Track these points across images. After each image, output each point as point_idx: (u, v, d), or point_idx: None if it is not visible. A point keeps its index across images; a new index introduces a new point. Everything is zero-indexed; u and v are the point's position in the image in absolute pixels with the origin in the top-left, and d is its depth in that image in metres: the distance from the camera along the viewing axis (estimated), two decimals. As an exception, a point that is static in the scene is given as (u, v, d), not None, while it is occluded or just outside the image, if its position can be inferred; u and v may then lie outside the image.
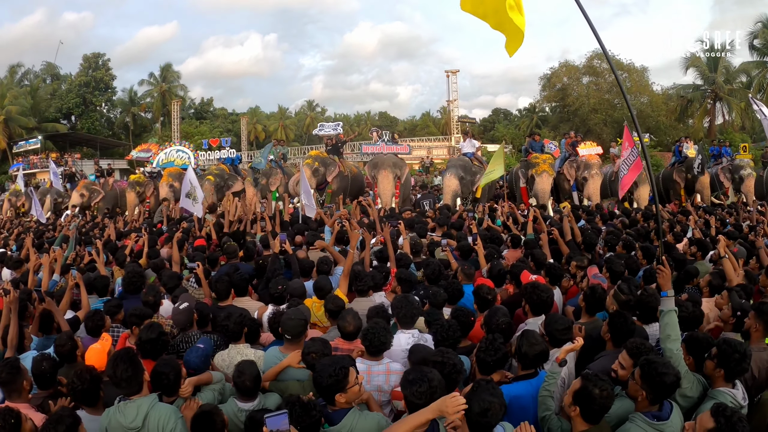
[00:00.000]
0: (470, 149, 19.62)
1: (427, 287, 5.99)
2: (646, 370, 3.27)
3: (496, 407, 2.93)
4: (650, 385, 3.26)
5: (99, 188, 22.04)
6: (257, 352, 4.55)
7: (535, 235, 8.61)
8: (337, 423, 3.25)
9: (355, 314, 4.68)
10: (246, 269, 7.07)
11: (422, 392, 2.97)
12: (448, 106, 49.95)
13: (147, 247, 8.86)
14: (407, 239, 8.01)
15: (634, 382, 3.34)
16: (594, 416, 3.18)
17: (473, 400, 2.93)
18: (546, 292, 4.95)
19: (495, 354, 3.80)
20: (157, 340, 4.31)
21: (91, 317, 5.13)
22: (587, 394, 3.13)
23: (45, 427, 3.11)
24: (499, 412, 2.96)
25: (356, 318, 4.60)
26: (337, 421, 3.26)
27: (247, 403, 3.75)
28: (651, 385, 3.26)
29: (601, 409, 3.17)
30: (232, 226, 10.43)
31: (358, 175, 20.38)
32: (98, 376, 3.73)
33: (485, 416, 2.92)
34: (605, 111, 42.70)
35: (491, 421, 2.96)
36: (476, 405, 2.91)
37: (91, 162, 29.59)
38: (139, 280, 6.36)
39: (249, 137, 57.59)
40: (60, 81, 58.16)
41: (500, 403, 2.97)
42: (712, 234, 9.28)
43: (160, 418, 3.43)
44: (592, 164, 18.62)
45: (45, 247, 10.26)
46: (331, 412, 3.32)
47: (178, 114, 51.23)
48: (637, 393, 3.32)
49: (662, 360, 3.48)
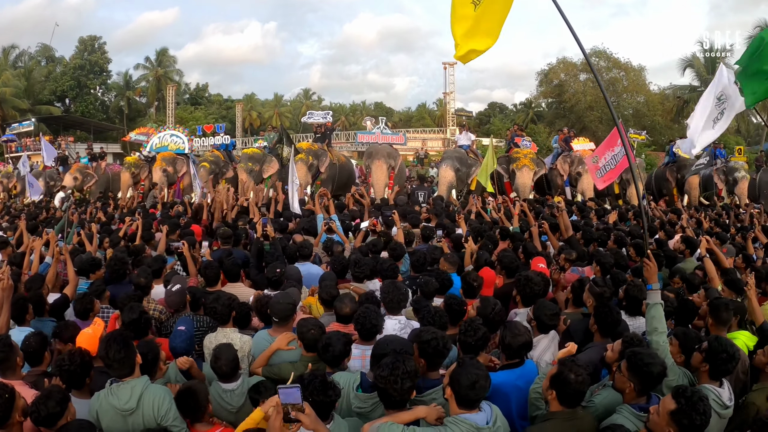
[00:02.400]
0: (466, 142, 19.66)
1: (413, 276, 6.03)
2: (633, 361, 3.30)
3: (482, 380, 3.01)
4: (637, 376, 3.29)
5: (92, 172, 21.95)
6: (243, 337, 4.55)
7: (522, 228, 8.64)
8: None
9: (351, 298, 4.75)
10: (239, 255, 7.07)
11: (384, 377, 3.04)
12: (445, 99, 49.82)
13: (141, 230, 8.81)
14: (401, 229, 8.04)
15: (621, 375, 3.37)
16: (569, 400, 3.23)
17: (461, 374, 3.01)
18: (539, 285, 5.03)
19: (475, 334, 3.84)
20: (139, 320, 4.37)
21: (80, 300, 5.12)
22: (563, 378, 3.18)
23: (35, 402, 3.13)
24: (485, 385, 3.03)
25: (353, 301, 4.66)
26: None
27: (229, 384, 3.77)
28: (638, 375, 3.29)
29: (576, 393, 3.22)
30: (226, 215, 10.40)
31: (346, 163, 20.44)
32: (90, 359, 3.71)
33: (473, 388, 2.98)
34: (601, 109, 42.77)
35: (479, 394, 3.02)
36: (464, 378, 2.98)
37: (84, 145, 29.43)
38: (121, 267, 6.29)
39: (244, 124, 57.40)
40: (55, 63, 57.69)
41: (485, 375, 3.05)
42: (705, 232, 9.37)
43: (155, 399, 3.42)
44: (586, 159, 18.64)
45: (39, 230, 10.22)
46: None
47: (173, 99, 50.98)
48: (624, 385, 3.35)
49: (648, 351, 3.52)
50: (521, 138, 19.12)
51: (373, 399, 3.38)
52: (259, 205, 11.93)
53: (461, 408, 3.04)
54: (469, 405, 3.04)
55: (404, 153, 26.41)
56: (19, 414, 3.16)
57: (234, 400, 3.73)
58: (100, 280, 5.90)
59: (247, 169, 18.55)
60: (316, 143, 18.79)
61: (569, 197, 18.19)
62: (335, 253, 6.95)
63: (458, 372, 3.04)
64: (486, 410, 3.08)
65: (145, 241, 8.26)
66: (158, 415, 3.39)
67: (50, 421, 3.09)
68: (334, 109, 52.82)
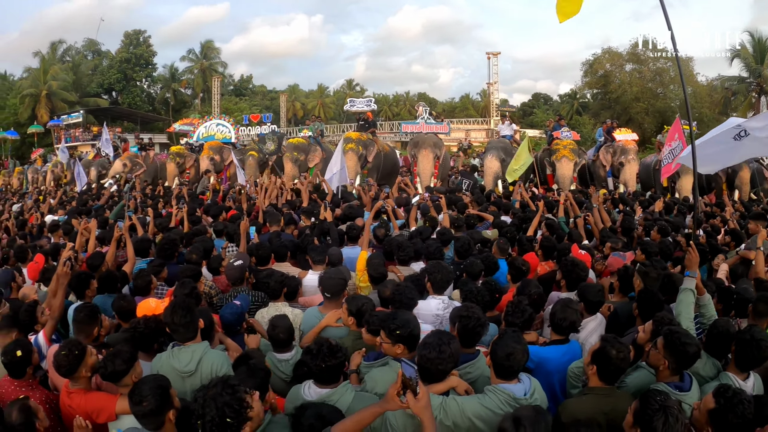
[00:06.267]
0: (509, 132, 19.60)
1: (457, 262, 6.13)
2: (670, 339, 3.35)
3: (519, 352, 3.12)
4: (673, 354, 3.33)
5: (141, 161, 22.44)
6: (295, 310, 4.78)
7: (567, 218, 8.66)
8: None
9: (393, 282, 4.92)
10: (287, 237, 7.32)
11: (431, 358, 3.11)
12: (488, 89, 49.32)
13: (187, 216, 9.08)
14: (447, 214, 8.15)
15: (656, 351, 3.41)
16: (610, 376, 3.32)
17: (499, 345, 3.15)
18: (585, 271, 5.16)
19: (522, 315, 4.01)
20: (190, 295, 4.56)
21: (140, 276, 5.35)
22: (605, 354, 3.27)
23: (105, 358, 3.36)
24: (521, 358, 3.15)
25: (392, 284, 4.81)
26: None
27: (285, 354, 3.98)
28: (674, 354, 3.33)
29: (617, 369, 3.31)
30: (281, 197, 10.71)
31: (390, 152, 20.47)
32: (162, 326, 3.91)
33: (508, 360, 3.11)
34: (647, 100, 41.94)
35: (513, 365, 3.13)
36: (501, 349, 3.12)
37: (132, 136, 30.08)
38: (172, 247, 6.52)
39: (287, 114, 57.93)
40: (101, 57, 59.16)
41: (523, 349, 3.17)
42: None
43: (214, 363, 3.61)
44: (629, 149, 18.39)
45: (92, 214, 10.55)
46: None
47: (218, 90, 51.71)
48: (659, 362, 3.39)
49: (685, 331, 3.57)
50: (560, 131, 18.87)
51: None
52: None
53: (499, 378, 3.17)
54: (506, 375, 3.16)
55: (448, 143, 26.40)
56: (86, 369, 3.45)
57: (288, 369, 3.92)
58: (159, 260, 6.14)
59: (293, 158, 18.79)
60: (364, 133, 18.94)
61: (611, 187, 18.00)
62: (378, 236, 7.10)
63: (497, 343, 3.19)
64: (525, 382, 3.19)
65: (193, 224, 8.54)
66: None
67: (115, 377, 3.31)
68: (377, 99, 52.71)
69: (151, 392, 2.92)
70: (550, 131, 19.62)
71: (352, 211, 8.73)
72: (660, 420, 2.64)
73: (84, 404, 3.40)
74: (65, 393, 3.50)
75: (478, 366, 3.59)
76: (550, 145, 18.92)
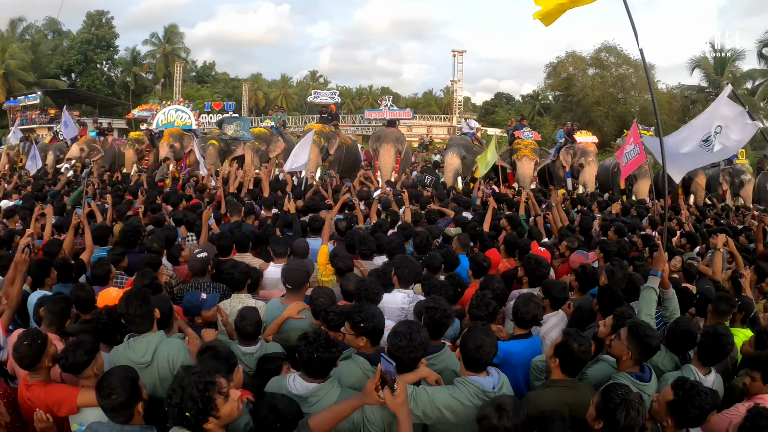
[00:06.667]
0: (470, 130, 19.74)
1: (416, 257, 6.16)
2: (635, 331, 3.47)
3: (488, 345, 3.20)
4: (636, 345, 3.45)
5: (99, 146, 21.92)
6: (258, 302, 4.72)
7: (528, 216, 8.79)
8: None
9: (355, 276, 4.91)
10: (248, 228, 7.24)
11: (402, 346, 3.16)
12: (452, 86, 49.75)
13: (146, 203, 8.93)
14: (409, 209, 8.18)
15: (619, 342, 3.52)
16: (572, 369, 3.40)
17: (469, 337, 3.22)
18: (547, 268, 5.24)
19: (486, 309, 4.09)
20: (150, 285, 4.49)
21: (99, 265, 5.19)
22: (567, 347, 3.34)
23: (65, 350, 3.25)
24: (491, 351, 3.22)
25: (356, 278, 4.80)
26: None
27: (249, 347, 3.92)
28: (637, 345, 3.45)
29: (578, 362, 3.39)
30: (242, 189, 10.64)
31: (352, 146, 20.54)
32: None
33: (478, 352, 3.17)
34: (608, 104, 42.66)
35: (483, 358, 3.20)
36: (471, 341, 3.20)
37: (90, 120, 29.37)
38: (135, 235, 6.41)
39: (249, 104, 57.36)
40: (62, 37, 57.53)
41: (492, 342, 3.24)
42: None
43: (170, 353, 3.53)
44: (589, 151, 18.76)
45: (48, 200, 10.30)
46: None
47: (180, 76, 50.97)
48: (622, 352, 3.50)
49: (648, 324, 3.72)
50: (521, 131, 19.09)
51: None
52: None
53: (469, 370, 3.24)
54: (475, 367, 3.23)
55: (409, 139, 26.53)
56: (48, 360, 3.34)
57: (252, 362, 3.86)
58: (120, 248, 6.00)
59: (254, 148, 18.64)
60: (326, 125, 18.87)
61: (570, 188, 18.32)
62: (340, 229, 7.10)
63: (467, 335, 3.26)
64: (494, 376, 3.26)
65: (153, 213, 8.39)
66: (173, 367, 3.49)
67: (76, 368, 3.21)
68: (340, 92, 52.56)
69: (120, 384, 2.84)
70: (512, 131, 19.82)
71: (315, 203, 8.71)
72: (622, 413, 2.70)
73: (44, 397, 3.30)
74: (24, 386, 3.40)
75: (443, 358, 3.66)
76: (511, 145, 19.13)
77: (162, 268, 5.47)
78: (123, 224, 7.26)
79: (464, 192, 13.09)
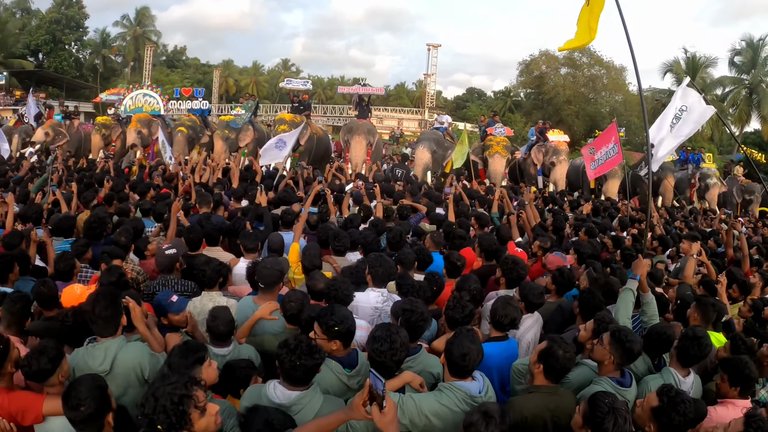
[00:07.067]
0: (441, 125, 19.76)
1: (389, 254, 6.07)
2: (617, 336, 3.50)
3: (474, 352, 3.16)
4: (618, 350, 3.49)
5: (64, 130, 21.31)
6: (230, 300, 4.56)
7: (501, 214, 8.76)
8: None
9: (322, 275, 4.77)
10: (217, 220, 7.05)
11: (383, 351, 3.11)
12: (425, 80, 49.88)
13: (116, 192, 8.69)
14: (380, 204, 8.09)
15: (601, 346, 3.56)
16: (555, 375, 3.39)
17: (454, 344, 3.17)
18: (524, 270, 5.19)
19: (462, 311, 4.02)
20: (118, 283, 4.30)
21: (61, 259, 4.96)
22: (552, 354, 3.33)
23: (28, 356, 3.06)
24: (476, 358, 3.18)
25: (324, 277, 4.67)
26: None
27: (222, 348, 3.76)
28: (619, 350, 3.49)
29: (563, 368, 3.39)
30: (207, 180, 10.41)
31: (323, 136, 20.47)
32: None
33: (464, 360, 3.13)
34: (579, 104, 43.29)
35: (469, 365, 3.16)
36: (456, 349, 3.15)
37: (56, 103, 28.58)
38: (100, 226, 6.17)
39: (220, 90, 56.68)
40: (30, 16, 56.11)
41: (478, 349, 3.20)
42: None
43: (132, 361, 3.37)
44: (561, 150, 18.88)
45: (10, 186, 9.98)
46: None
47: (150, 60, 50.11)
48: (604, 357, 3.54)
49: (630, 329, 3.75)
50: (494, 128, 19.10)
51: (359, 375, 3.46)
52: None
53: (454, 376, 3.20)
54: (460, 374, 3.19)
55: (380, 131, 26.49)
56: (11, 365, 3.13)
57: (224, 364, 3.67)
58: (84, 239, 5.78)
59: (224, 136, 18.36)
60: (297, 115, 18.66)
61: (540, 186, 18.43)
62: (311, 223, 6.98)
63: (452, 341, 3.20)
64: (479, 380, 3.23)
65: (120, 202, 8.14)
66: (142, 374, 3.36)
67: (41, 376, 3.04)
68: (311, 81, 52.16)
69: (89, 394, 2.68)
70: (484, 127, 19.83)
71: (287, 195, 8.57)
72: (610, 422, 2.71)
73: (7, 405, 3.08)
74: None
75: (420, 360, 3.63)
76: (483, 141, 19.15)
77: (129, 263, 5.31)
78: (89, 214, 7.04)
79: (436, 187, 13.04)
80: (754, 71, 41.67)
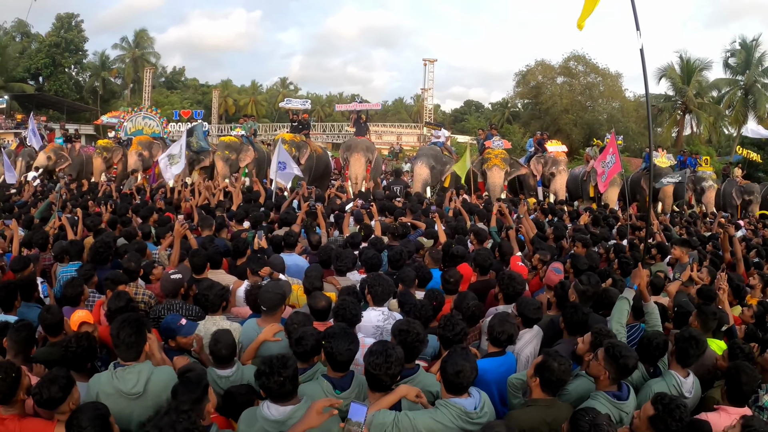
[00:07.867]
0: (438, 139, 19.87)
1: (390, 273, 6.12)
2: (611, 352, 3.56)
3: (467, 370, 3.23)
4: (613, 366, 3.55)
5: (66, 154, 21.40)
6: (233, 324, 4.64)
7: (499, 228, 8.81)
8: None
9: (323, 294, 4.84)
10: (220, 243, 7.12)
11: (378, 364, 3.20)
12: (423, 94, 50.14)
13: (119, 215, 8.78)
14: (378, 222, 8.15)
15: (597, 362, 3.62)
16: (551, 387, 3.47)
17: (448, 362, 3.26)
18: (522, 285, 5.26)
19: (453, 329, 4.07)
20: (125, 308, 4.32)
21: (70, 285, 4.99)
22: (548, 367, 3.42)
23: (39, 385, 3.12)
24: (470, 375, 3.25)
25: (325, 297, 4.75)
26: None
27: (225, 370, 3.86)
28: (614, 365, 3.54)
29: (559, 381, 3.47)
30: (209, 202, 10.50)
31: (323, 155, 20.56)
32: (95, 344, 3.73)
33: (458, 377, 3.21)
34: (576, 112, 43.40)
35: (463, 382, 3.24)
36: (450, 366, 3.24)
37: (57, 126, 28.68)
38: (106, 250, 6.22)
39: (219, 110, 56.86)
40: (30, 40, 56.38)
41: (472, 366, 3.27)
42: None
43: (165, 383, 3.41)
44: (560, 160, 19.02)
45: (15, 212, 10.08)
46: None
47: (149, 81, 50.35)
48: (599, 373, 3.61)
49: (624, 344, 3.81)
50: (491, 141, 19.19)
51: (352, 396, 3.53)
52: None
53: (450, 393, 3.27)
54: (455, 391, 3.26)
55: (379, 147, 26.63)
56: (23, 392, 3.20)
57: (228, 386, 3.77)
58: (89, 264, 5.85)
59: (224, 157, 18.44)
60: (297, 134, 18.79)
61: (540, 197, 18.49)
62: (312, 243, 7.04)
63: (446, 360, 3.29)
64: (475, 396, 3.30)
65: (123, 226, 8.24)
66: (169, 398, 3.33)
67: (52, 404, 3.10)
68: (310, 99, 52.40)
69: (90, 423, 2.77)
70: (483, 140, 19.93)
71: (289, 217, 8.65)
72: None
73: (19, 431, 3.17)
74: None
75: (419, 381, 3.67)
76: (482, 154, 19.24)
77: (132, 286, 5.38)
78: (94, 238, 7.12)
79: (437, 202, 13.11)
80: (749, 72, 41.72)
